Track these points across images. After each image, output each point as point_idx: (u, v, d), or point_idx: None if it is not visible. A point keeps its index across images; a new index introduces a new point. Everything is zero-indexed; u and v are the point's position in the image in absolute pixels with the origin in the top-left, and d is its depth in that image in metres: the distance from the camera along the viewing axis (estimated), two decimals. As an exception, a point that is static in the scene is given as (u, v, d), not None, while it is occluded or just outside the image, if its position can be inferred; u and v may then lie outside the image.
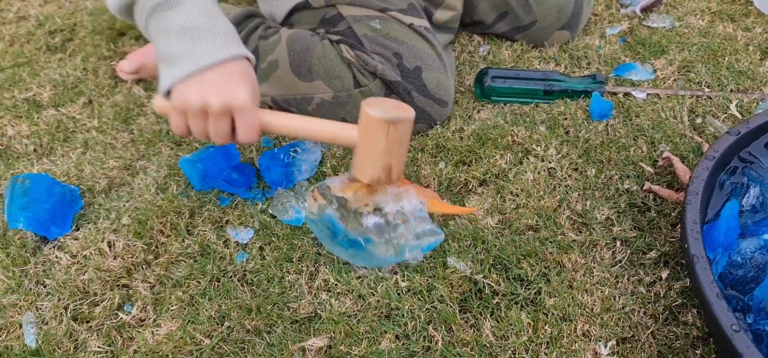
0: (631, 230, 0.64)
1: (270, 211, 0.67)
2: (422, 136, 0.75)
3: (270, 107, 0.78)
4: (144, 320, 0.59)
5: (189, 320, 0.58)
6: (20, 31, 0.94)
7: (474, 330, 0.57)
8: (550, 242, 0.63)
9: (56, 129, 0.79)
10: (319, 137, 0.58)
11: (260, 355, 0.56)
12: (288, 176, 0.70)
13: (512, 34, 0.88)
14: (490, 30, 0.89)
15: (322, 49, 0.74)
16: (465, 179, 0.70)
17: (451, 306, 0.58)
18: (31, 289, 0.62)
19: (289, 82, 0.75)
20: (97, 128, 0.79)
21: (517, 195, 0.68)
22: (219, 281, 0.62)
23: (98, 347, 0.57)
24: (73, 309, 0.60)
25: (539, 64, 0.84)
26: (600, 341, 0.55)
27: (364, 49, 0.73)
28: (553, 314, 0.57)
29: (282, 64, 0.75)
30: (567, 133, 0.74)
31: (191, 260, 0.63)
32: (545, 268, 0.60)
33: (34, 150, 0.77)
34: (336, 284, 0.60)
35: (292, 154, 0.72)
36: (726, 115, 0.76)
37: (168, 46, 0.56)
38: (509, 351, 0.55)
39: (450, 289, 0.59)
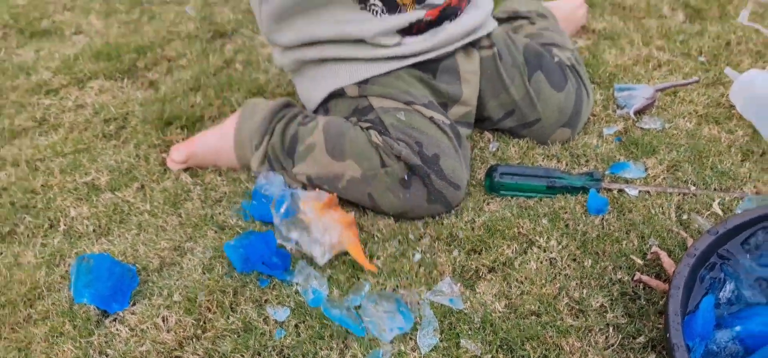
0: (622, 316, 0.73)
1: (297, 287, 0.76)
2: (438, 225, 0.84)
3: (304, 186, 0.88)
4: (195, 388, 0.68)
5: (235, 390, 0.67)
6: (79, 118, 1.06)
7: (483, 405, 0.65)
8: (551, 326, 0.71)
9: (113, 212, 0.89)
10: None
11: (297, 423, 0.64)
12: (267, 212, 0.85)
13: (518, 130, 0.98)
14: (497, 126, 0.99)
15: (354, 133, 0.85)
16: (476, 267, 0.79)
17: (463, 383, 0.67)
18: (96, 358, 0.71)
19: (324, 162, 0.86)
20: (149, 212, 0.89)
21: (522, 282, 0.76)
22: (260, 355, 0.70)
23: (156, 412, 0.66)
24: (134, 377, 0.69)
25: (543, 161, 0.94)
26: (593, 417, 0.63)
27: (390, 135, 0.84)
28: (552, 392, 0.65)
29: (318, 146, 0.86)
30: (567, 226, 0.84)
31: (235, 336, 0.72)
32: (546, 350, 0.69)
33: (94, 230, 0.87)
34: (363, 361, 0.69)
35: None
36: (709, 212, 0.85)
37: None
38: (514, 425, 0.63)
39: (462, 367, 0.68)
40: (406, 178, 0.84)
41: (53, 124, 1.05)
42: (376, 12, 0.87)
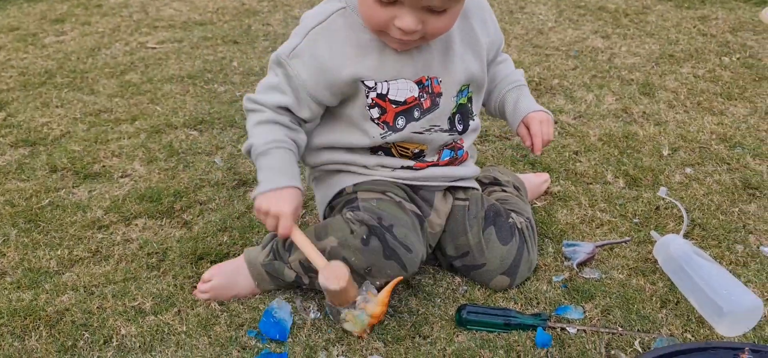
0: (557, 431, 0.94)
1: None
2: (417, 351, 1.06)
3: (299, 276, 1.15)
4: None
5: None
6: (126, 251, 1.29)
7: None
8: None
9: (156, 331, 1.11)
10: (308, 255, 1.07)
11: None
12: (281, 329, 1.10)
13: (467, 271, 1.22)
14: (451, 263, 1.24)
15: (334, 218, 1.13)
16: (445, 387, 1.00)
17: None
18: None
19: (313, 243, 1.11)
20: (185, 333, 1.11)
21: (481, 401, 0.98)
22: None
23: None
24: None
25: (503, 302, 1.18)
26: None
27: (359, 209, 1.12)
28: None
29: (309, 236, 1.12)
30: (519, 355, 1.06)
31: None
32: None
33: (140, 346, 1.08)
34: None
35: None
36: (631, 349, 1.08)
37: (259, 175, 1.08)
38: None
39: None
40: (365, 237, 1.09)
41: (105, 255, 1.29)
42: (378, 152, 1.18)
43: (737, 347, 0.98)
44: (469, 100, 1.21)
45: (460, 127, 1.22)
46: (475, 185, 1.27)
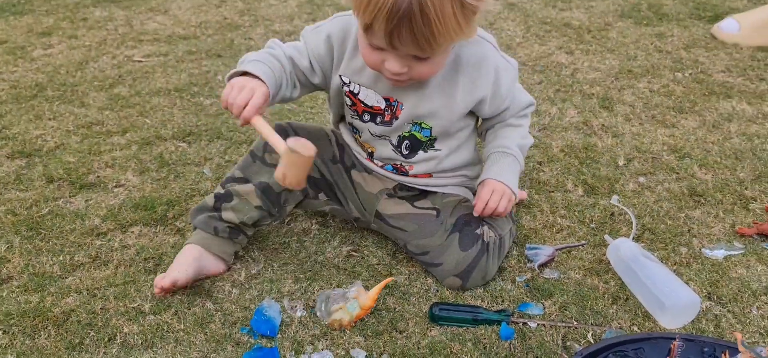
0: (518, 412, 1.07)
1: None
2: (394, 344, 1.18)
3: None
4: None
5: None
6: (125, 257, 1.39)
7: None
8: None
9: (156, 330, 1.21)
10: (267, 139, 1.12)
11: None
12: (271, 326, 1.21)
13: (426, 266, 1.36)
14: (414, 258, 1.38)
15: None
16: (419, 376, 1.13)
17: None
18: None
19: None
20: (183, 330, 1.21)
21: (451, 387, 1.10)
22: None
23: None
24: None
25: (471, 300, 1.30)
26: None
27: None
28: None
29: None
30: (485, 348, 1.18)
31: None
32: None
33: (142, 343, 1.19)
34: None
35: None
36: (585, 340, 1.21)
37: (239, 64, 1.22)
38: None
39: None
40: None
41: (104, 260, 1.38)
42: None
43: (672, 337, 1.12)
44: (430, 140, 1.35)
45: (405, 152, 1.37)
46: (452, 192, 1.41)
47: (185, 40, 2.53)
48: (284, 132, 1.37)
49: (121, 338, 1.19)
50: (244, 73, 1.19)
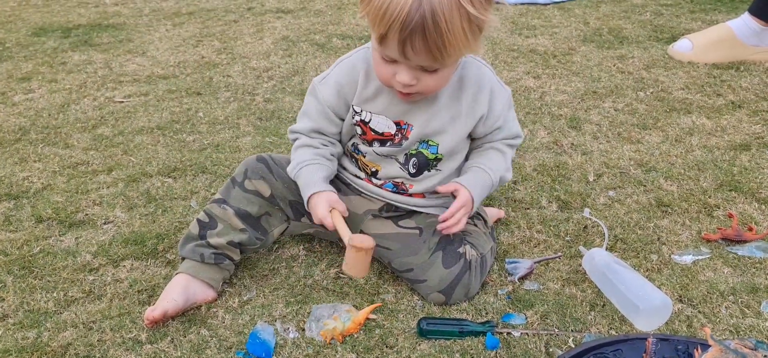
0: (506, 415, 1.12)
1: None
2: (385, 360, 1.23)
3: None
4: None
5: None
6: (118, 290, 1.42)
7: None
8: (460, 422, 1.10)
9: (153, 357, 1.25)
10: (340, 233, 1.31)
11: None
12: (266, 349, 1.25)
13: (410, 283, 1.42)
14: (398, 275, 1.44)
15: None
16: (411, 387, 1.18)
17: None
18: None
19: None
20: (179, 357, 1.25)
21: (442, 396, 1.16)
22: None
23: None
24: None
25: (457, 314, 1.36)
26: None
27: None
28: None
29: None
30: (472, 357, 1.24)
31: None
32: None
33: (140, 371, 1.22)
34: None
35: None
36: (566, 345, 1.28)
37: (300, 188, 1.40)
38: None
39: None
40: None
41: (98, 295, 1.42)
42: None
43: (647, 337, 1.19)
44: (436, 158, 1.43)
45: (412, 170, 1.44)
46: (434, 212, 1.47)
47: (165, 79, 2.58)
48: (265, 163, 1.44)
49: (119, 368, 1.23)
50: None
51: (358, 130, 1.42)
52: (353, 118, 1.41)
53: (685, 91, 2.42)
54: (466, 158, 1.49)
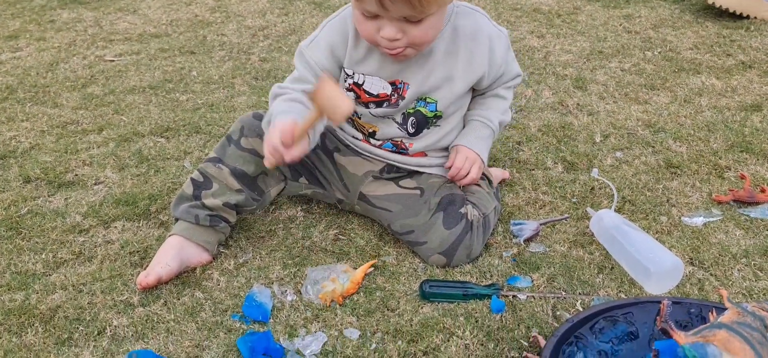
0: (512, 380, 1.08)
1: None
2: (387, 322, 1.19)
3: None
4: None
5: None
6: (109, 252, 1.37)
7: None
8: (465, 387, 1.06)
9: (146, 321, 1.20)
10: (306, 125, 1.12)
11: None
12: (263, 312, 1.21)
13: (411, 245, 1.37)
14: (398, 237, 1.39)
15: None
16: (414, 351, 1.13)
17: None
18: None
19: None
20: (173, 320, 1.20)
21: (446, 360, 1.11)
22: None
23: None
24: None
25: (460, 276, 1.31)
26: None
27: None
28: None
29: None
30: (476, 321, 1.20)
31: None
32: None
33: (132, 335, 1.17)
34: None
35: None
36: (574, 309, 1.23)
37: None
38: None
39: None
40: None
41: (88, 256, 1.36)
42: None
43: (660, 300, 1.14)
44: (435, 116, 1.37)
45: (411, 130, 1.38)
46: (437, 172, 1.42)
47: (157, 38, 2.50)
48: (262, 120, 1.37)
49: (111, 331, 1.18)
50: None
51: (352, 94, 1.35)
52: (346, 81, 1.34)
53: (694, 51, 2.35)
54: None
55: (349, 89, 1.34)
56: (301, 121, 1.14)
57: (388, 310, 1.23)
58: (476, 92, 1.43)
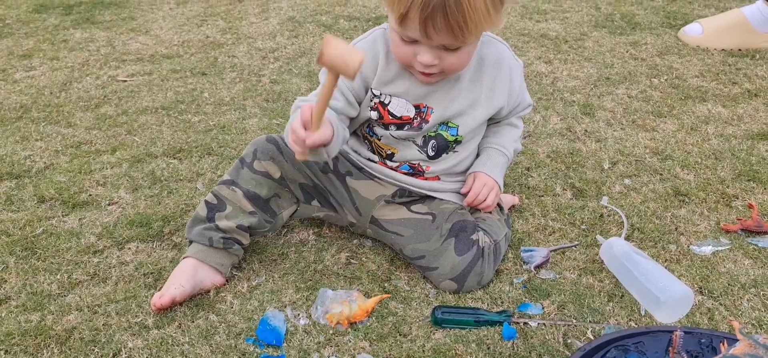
0: (525, 408, 1.09)
1: None
2: (399, 348, 1.20)
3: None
4: None
5: None
6: (124, 273, 1.39)
7: None
8: (478, 415, 1.06)
9: (161, 343, 1.21)
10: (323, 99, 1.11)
11: None
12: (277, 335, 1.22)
13: (422, 270, 1.38)
14: (409, 262, 1.40)
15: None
16: (427, 377, 1.14)
17: None
18: None
19: None
20: (188, 343, 1.21)
21: (458, 387, 1.12)
22: None
23: None
24: None
25: (471, 302, 1.33)
26: None
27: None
28: None
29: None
30: (488, 348, 1.21)
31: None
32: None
33: (147, 357, 1.18)
34: None
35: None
36: (585, 337, 1.24)
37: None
38: None
39: None
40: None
41: (103, 277, 1.38)
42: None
43: (672, 330, 1.15)
44: (455, 140, 1.40)
45: (431, 153, 1.40)
46: (449, 196, 1.44)
47: (169, 59, 2.53)
48: (275, 143, 1.40)
49: (126, 354, 1.19)
50: None
51: (375, 114, 1.37)
52: (371, 100, 1.37)
53: (700, 78, 2.37)
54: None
55: (373, 109, 1.37)
56: (318, 97, 1.14)
57: (400, 335, 1.24)
58: (492, 120, 1.45)
